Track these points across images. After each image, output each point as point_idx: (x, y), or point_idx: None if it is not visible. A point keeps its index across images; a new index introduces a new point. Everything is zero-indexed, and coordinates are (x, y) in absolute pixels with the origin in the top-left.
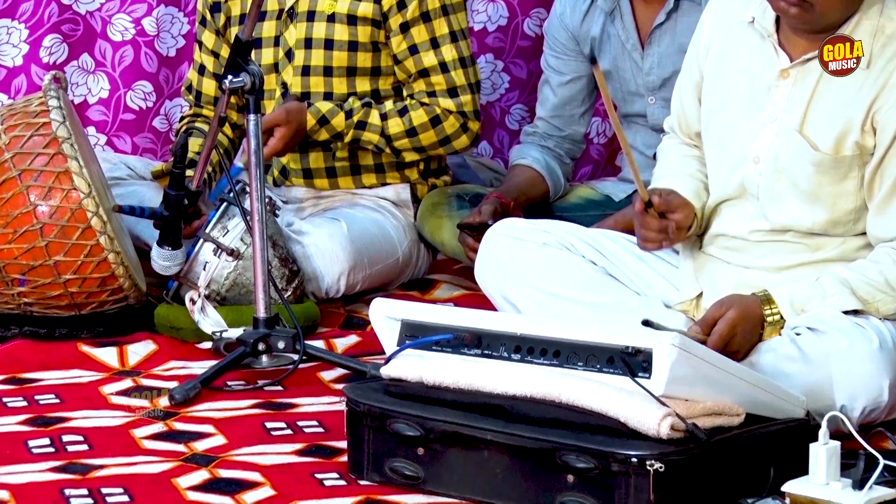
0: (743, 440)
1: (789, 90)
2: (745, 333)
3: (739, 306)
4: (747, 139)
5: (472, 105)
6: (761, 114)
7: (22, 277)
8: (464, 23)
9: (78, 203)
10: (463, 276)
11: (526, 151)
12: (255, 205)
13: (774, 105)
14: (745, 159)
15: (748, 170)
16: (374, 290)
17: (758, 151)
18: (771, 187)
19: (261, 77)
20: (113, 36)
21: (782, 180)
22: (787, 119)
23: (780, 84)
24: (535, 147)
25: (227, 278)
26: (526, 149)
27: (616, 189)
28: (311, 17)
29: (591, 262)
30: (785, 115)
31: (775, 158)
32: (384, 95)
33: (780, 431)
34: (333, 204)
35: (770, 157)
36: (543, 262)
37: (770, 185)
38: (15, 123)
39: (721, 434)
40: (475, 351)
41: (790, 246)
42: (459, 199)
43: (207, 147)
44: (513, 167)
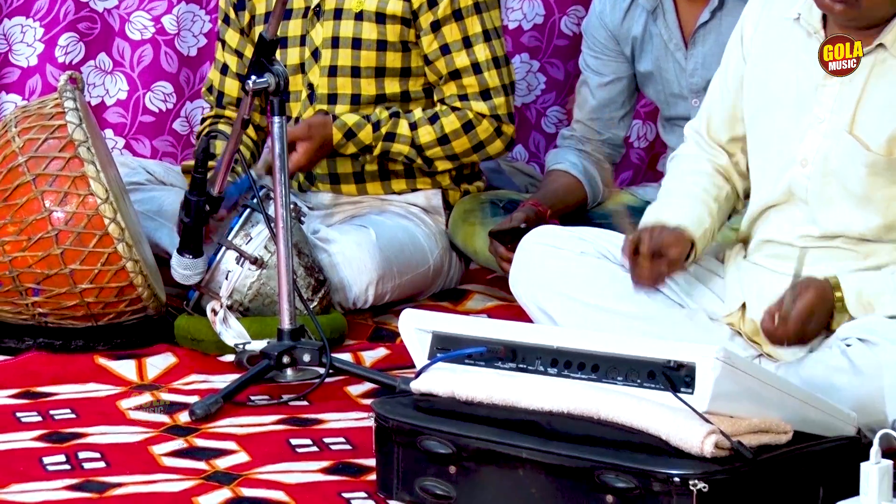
0: (790, 459)
1: (837, 89)
2: (819, 317)
3: (816, 288)
4: (794, 141)
5: (506, 108)
6: (808, 114)
7: (36, 287)
8: (497, 21)
9: (95, 209)
10: (497, 286)
11: (563, 156)
12: (280, 211)
13: (822, 105)
14: (791, 162)
15: (795, 173)
16: (403, 301)
17: (805, 154)
18: (820, 191)
19: (286, 78)
20: (131, 34)
21: (832, 184)
22: (835, 119)
23: (828, 83)
24: (572, 151)
25: (251, 288)
26: (563, 153)
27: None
28: (339, 15)
29: None
30: (833, 115)
31: (824, 161)
32: (414, 97)
33: (829, 450)
34: (361, 210)
35: (819, 160)
36: (581, 271)
37: (819, 188)
38: (29, 126)
39: (767, 452)
40: (510, 365)
41: (841, 253)
42: (493, 205)
43: (229, 151)
44: (549, 172)
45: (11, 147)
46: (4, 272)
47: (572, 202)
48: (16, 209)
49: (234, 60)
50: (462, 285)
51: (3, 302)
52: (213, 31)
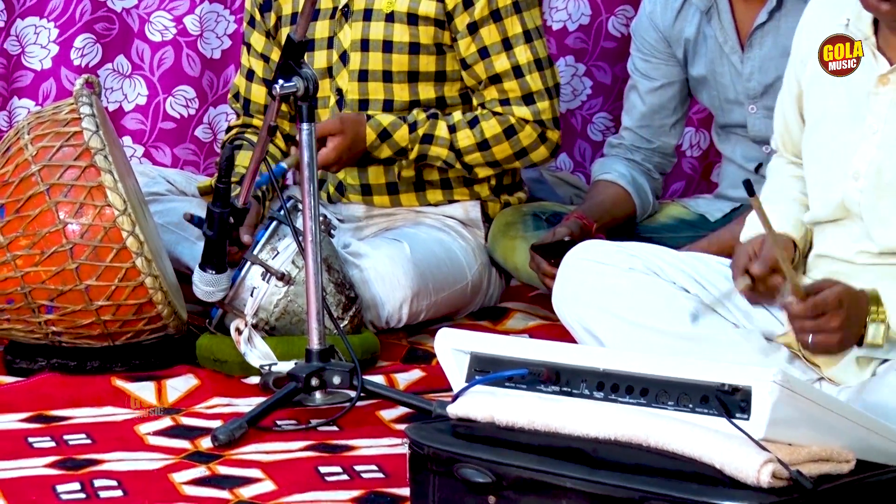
0: (853, 489)
1: (891, 97)
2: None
3: (848, 288)
4: (847, 154)
5: (550, 112)
6: (861, 125)
7: (50, 304)
8: (538, 20)
9: (112, 221)
10: (539, 304)
11: (610, 165)
12: (309, 224)
13: (875, 115)
14: (844, 176)
15: (848, 187)
16: (439, 320)
17: (858, 167)
18: (874, 206)
19: (315, 82)
20: (151, 36)
21: (887, 198)
22: (889, 130)
23: (880, 91)
24: (620, 161)
25: (277, 306)
26: (610, 163)
27: (711, 207)
28: (368, 15)
29: (683, 289)
30: (887, 125)
31: (878, 174)
32: (451, 103)
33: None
34: (395, 223)
35: (872, 173)
36: (629, 288)
37: (873, 203)
38: (43, 133)
39: (828, 482)
40: (553, 388)
41: None
42: (536, 218)
43: (255, 160)
44: (595, 183)
45: (24, 155)
46: (16, 288)
47: (620, 215)
48: (28, 221)
49: (261, 65)
50: (502, 303)
51: (14, 320)
52: (239, 32)
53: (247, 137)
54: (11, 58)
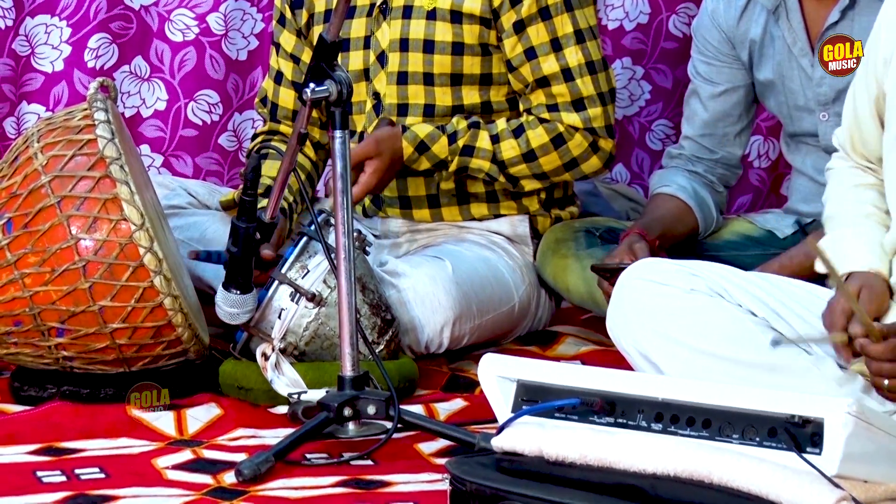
0: None
1: None
2: None
3: None
4: None
5: (603, 119)
6: None
7: (61, 326)
8: (592, 19)
9: (128, 237)
10: (592, 327)
11: (670, 178)
12: (342, 240)
13: None
14: None
15: None
16: (484, 345)
17: None
18: None
19: (349, 85)
20: (172, 35)
21: None
22: None
23: None
24: (680, 173)
25: (307, 329)
26: (670, 175)
27: (781, 223)
28: (408, 13)
29: (750, 312)
30: None
31: None
32: (497, 109)
33: None
34: (436, 239)
35: None
36: (691, 311)
37: None
38: (54, 141)
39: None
40: (607, 419)
41: None
42: (589, 234)
43: (284, 170)
44: (654, 196)
45: (33, 165)
46: (24, 309)
47: (681, 231)
48: (38, 237)
49: (290, 67)
50: (552, 327)
51: (22, 344)
52: (267, 31)
53: (274, 146)
54: (20, 59)
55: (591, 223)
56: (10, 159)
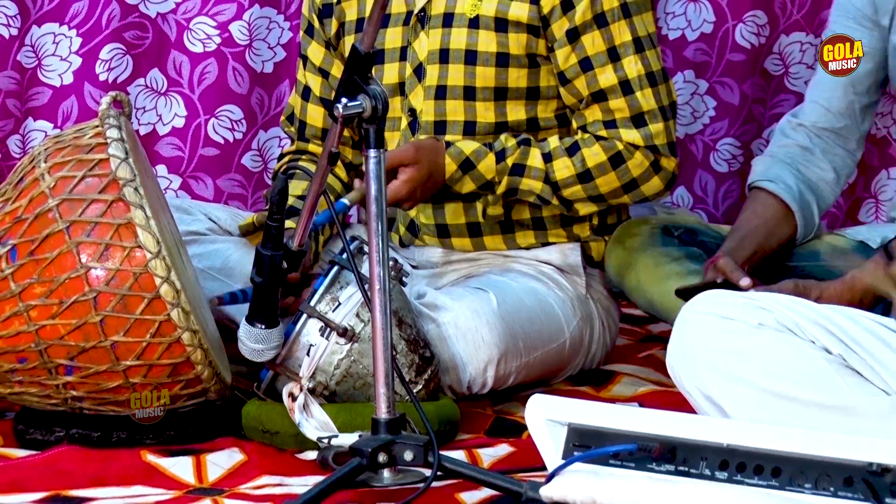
0: None
1: None
2: None
3: None
4: None
5: (665, 136)
6: None
7: (69, 363)
8: (651, 26)
9: (143, 266)
10: (651, 365)
11: (776, 172)
12: (377, 270)
13: None
14: None
15: None
16: (532, 385)
17: None
18: None
19: (385, 100)
20: (191, 46)
21: None
22: None
23: None
24: (788, 169)
25: (338, 367)
26: (777, 167)
27: (873, 232)
28: (449, 21)
29: (824, 349)
30: None
31: None
32: (545, 126)
33: None
34: (479, 269)
35: None
36: (759, 349)
37: None
38: (62, 161)
39: None
40: (667, 467)
41: None
42: (666, 233)
43: (313, 193)
44: (755, 193)
45: (40, 187)
46: (29, 345)
47: (776, 244)
48: (44, 265)
49: (319, 81)
50: (606, 365)
51: (27, 382)
52: (295, 41)
53: (302, 166)
54: (26, 72)
55: (671, 220)
56: (14, 181)
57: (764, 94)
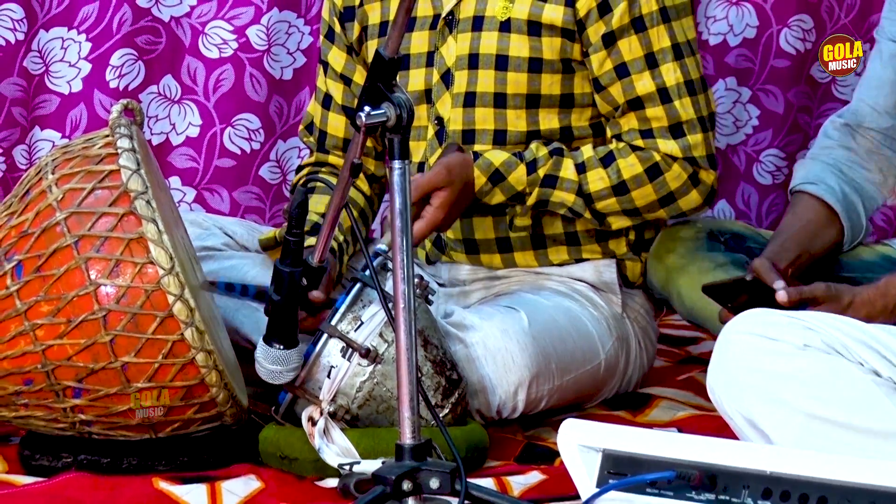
0: None
1: None
2: None
3: None
4: None
5: (704, 147)
6: None
7: (78, 385)
8: (691, 32)
9: (155, 282)
10: (691, 388)
11: (817, 173)
12: (401, 287)
13: None
14: None
15: None
16: (565, 409)
17: None
18: None
19: (410, 109)
20: (207, 51)
21: None
22: None
23: None
24: (830, 170)
25: (361, 389)
26: (817, 169)
27: None
28: (479, 24)
29: (874, 371)
30: None
31: None
32: (579, 135)
33: None
34: (509, 287)
35: None
36: (804, 371)
37: None
38: (71, 172)
39: None
40: (707, 495)
41: None
42: (712, 238)
43: (335, 206)
44: (796, 197)
45: (47, 200)
46: (36, 366)
47: (822, 248)
48: (51, 282)
49: (340, 89)
50: (644, 388)
51: (34, 405)
52: (316, 46)
53: (323, 178)
54: (33, 79)
55: (717, 225)
56: (20, 193)
57: (810, 103)
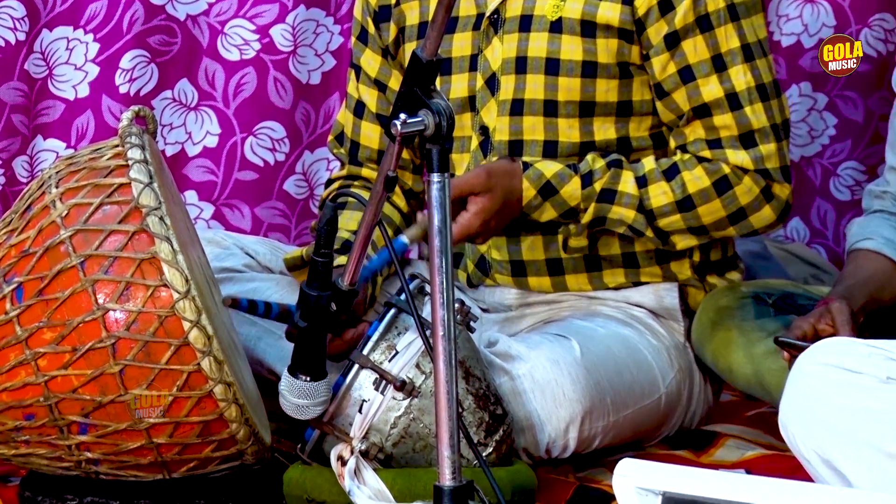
0: None
1: None
2: None
3: None
4: None
5: (778, 159)
6: None
7: (84, 421)
8: (762, 31)
9: (169, 307)
10: (761, 426)
11: (873, 228)
12: (440, 313)
13: None
14: None
15: None
16: (621, 448)
17: None
18: None
19: (450, 117)
20: (227, 53)
21: None
22: None
23: None
24: (886, 223)
25: (395, 426)
26: (873, 224)
27: None
28: (527, 24)
29: None
30: None
31: None
32: (637, 146)
33: None
34: (560, 313)
35: None
36: (888, 406)
37: None
38: (77, 186)
39: None
40: None
41: None
42: (759, 301)
43: (367, 224)
44: (853, 254)
45: (50, 216)
46: (37, 398)
47: (889, 297)
48: (55, 307)
49: (375, 95)
50: (708, 425)
51: (35, 442)
52: (346, 47)
53: (355, 193)
54: (35, 83)
55: (763, 287)
56: (21, 209)
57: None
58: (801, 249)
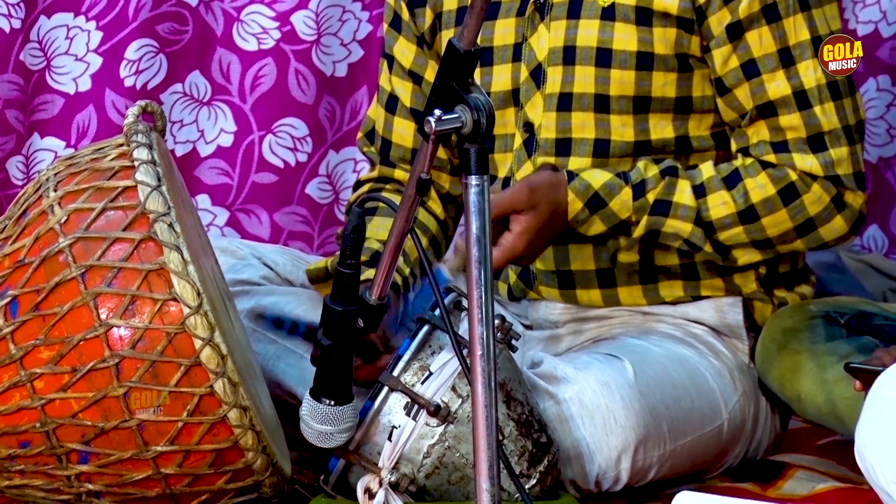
0: None
1: None
2: None
3: None
4: None
5: (850, 164)
6: None
7: (85, 449)
8: (835, 22)
9: (179, 323)
10: (834, 456)
11: None
12: (478, 331)
13: None
14: None
15: None
16: (679, 480)
17: None
18: None
19: (490, 112)
20: (243, 42)
21: None
22: None
23: None
24: None
25: (429, 455)
26: None
27: None
28: (576, 11)
29: None
30: None
31: None
32: (698, 147)
33: None
34: (611, 331)
35: None
36: None
37: None
38: (77, 189)
39: None
40: None
41: None
42: (829, 321)
43: (398, 232)
44: None
45: (48, 222)
46: (33, 424)
47: None
48: (53, 323)
49: (409, 88)
50: (776, 455)
51: (31, 472)
52: (376, 36)
53: (385, 198)
54: (32, 75)
55: (834, 305)
56: (15, 215)
57: None
58: (879, 261)
